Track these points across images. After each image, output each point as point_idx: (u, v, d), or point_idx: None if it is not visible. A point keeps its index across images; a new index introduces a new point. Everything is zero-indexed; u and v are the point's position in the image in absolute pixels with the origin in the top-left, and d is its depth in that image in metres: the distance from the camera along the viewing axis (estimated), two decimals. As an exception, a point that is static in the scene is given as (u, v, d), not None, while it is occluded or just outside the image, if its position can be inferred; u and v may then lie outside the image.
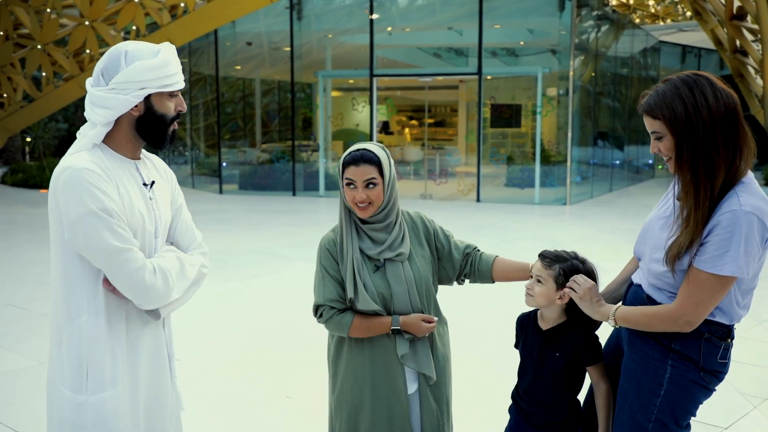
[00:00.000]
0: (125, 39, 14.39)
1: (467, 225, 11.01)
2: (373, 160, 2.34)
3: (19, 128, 16.59)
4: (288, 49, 15.40)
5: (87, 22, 13.71)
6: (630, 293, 2.30)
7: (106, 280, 2.03)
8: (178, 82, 2.15)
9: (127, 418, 2.09)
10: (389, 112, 19.94)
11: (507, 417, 2.55)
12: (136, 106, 2.08)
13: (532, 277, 2.39)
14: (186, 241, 2.30)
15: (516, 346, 2.55)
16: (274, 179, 15.94)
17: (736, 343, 2.19)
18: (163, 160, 2.38)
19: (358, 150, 2.36)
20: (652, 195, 15.68)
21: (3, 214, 12.41)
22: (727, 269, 1.95)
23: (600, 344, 2.38)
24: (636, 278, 2.30)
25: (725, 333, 2.11)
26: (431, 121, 23.54)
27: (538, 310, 2.44)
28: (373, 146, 2.39)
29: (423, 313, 2.40)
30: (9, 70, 14.75)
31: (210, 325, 5.69)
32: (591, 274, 2.35)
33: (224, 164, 16.83)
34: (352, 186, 2.34)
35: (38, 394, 4.26)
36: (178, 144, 19.98)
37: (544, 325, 2.41)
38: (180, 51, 17.52)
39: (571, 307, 2.35)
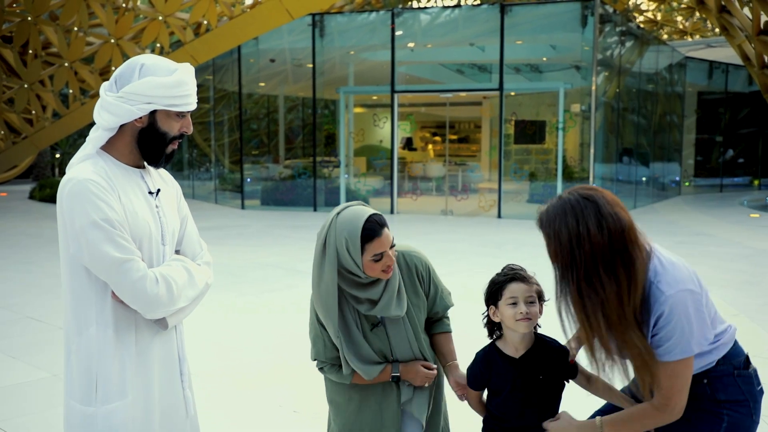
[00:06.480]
0: (150, 56, 14.59)
1: (489, 241, 10.93)
2: (384, 220, 2.20)
3: (47, 144, 16.90)
4: (311, 65, 15.52)
5: (113, 40, 13.96)
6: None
7: (114, 293, 2.04)
8: (189, 104, 2.13)
9: (139, 428, 2.08)
10: (411, 128, 19.97)
11: None
12: (140, 118, 2.08)
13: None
14: (191, 252, 2.29)
15: (477, 388, 2.35)
16: (296, 195, 16.02)
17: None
18: (188, 176, 2.38)
19: (370, 220, 2.14)
20: (677, 212, 15.45)
21: (30, 228, 12.60)
22: (693, 349, 1.93)
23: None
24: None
25: (745, 360, 2.07)
26: (454, 137, 23.53)
27: (494, 343, 2.30)
28: (363, 206, 2.22)
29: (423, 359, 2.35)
30: (38, 88, 15.05)
31: (220, 337, 5.70)
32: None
33: (248, 180, 16.95)
34: (379, 258, 2.15)
35: (51, 405, 4.28)
36: (203, 160, 20.15)
37: (516, 352, 2.26)
38: (204, 68, 17.77)
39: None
